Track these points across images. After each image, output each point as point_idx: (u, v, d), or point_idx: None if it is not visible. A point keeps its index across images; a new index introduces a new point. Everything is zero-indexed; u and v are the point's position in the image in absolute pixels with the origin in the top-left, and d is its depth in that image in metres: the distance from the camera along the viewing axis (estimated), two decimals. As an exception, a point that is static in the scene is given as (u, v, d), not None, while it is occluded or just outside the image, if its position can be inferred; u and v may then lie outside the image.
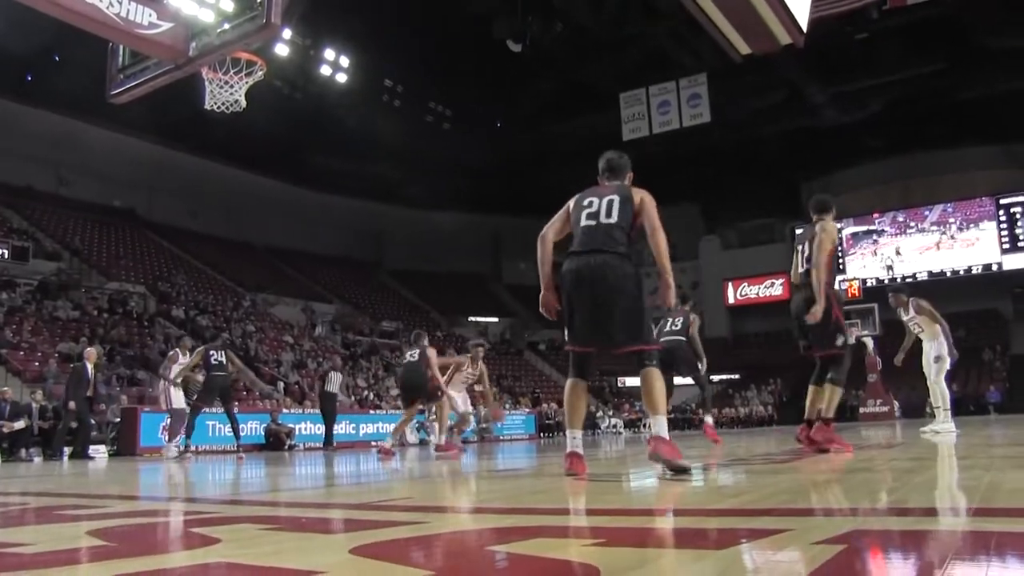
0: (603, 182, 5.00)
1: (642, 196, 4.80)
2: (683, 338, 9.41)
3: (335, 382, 14.32)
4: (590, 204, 4.73)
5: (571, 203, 4.89)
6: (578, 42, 27.01)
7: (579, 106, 33.05)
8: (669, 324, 9.50)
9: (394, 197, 40.92)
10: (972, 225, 38.18)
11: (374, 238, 43.40)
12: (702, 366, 9.63)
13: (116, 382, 18.96)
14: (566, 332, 4.66)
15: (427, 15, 27.61)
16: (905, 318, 10.37)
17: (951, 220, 38.78)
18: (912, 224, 39.55)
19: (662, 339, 9.26)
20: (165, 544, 2.51)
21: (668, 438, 4.37)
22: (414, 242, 42.00)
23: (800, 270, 6.14)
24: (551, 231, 4.86)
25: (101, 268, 27.42)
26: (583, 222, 4.69)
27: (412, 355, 10.10)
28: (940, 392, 10.19)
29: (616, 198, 4.72)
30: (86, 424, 14.17)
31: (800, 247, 6.32)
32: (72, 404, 13.52)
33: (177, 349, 14.07)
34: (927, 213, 39.37)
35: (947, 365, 10.02)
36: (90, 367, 13.88)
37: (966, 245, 38.05)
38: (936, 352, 9.99)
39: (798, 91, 31.08)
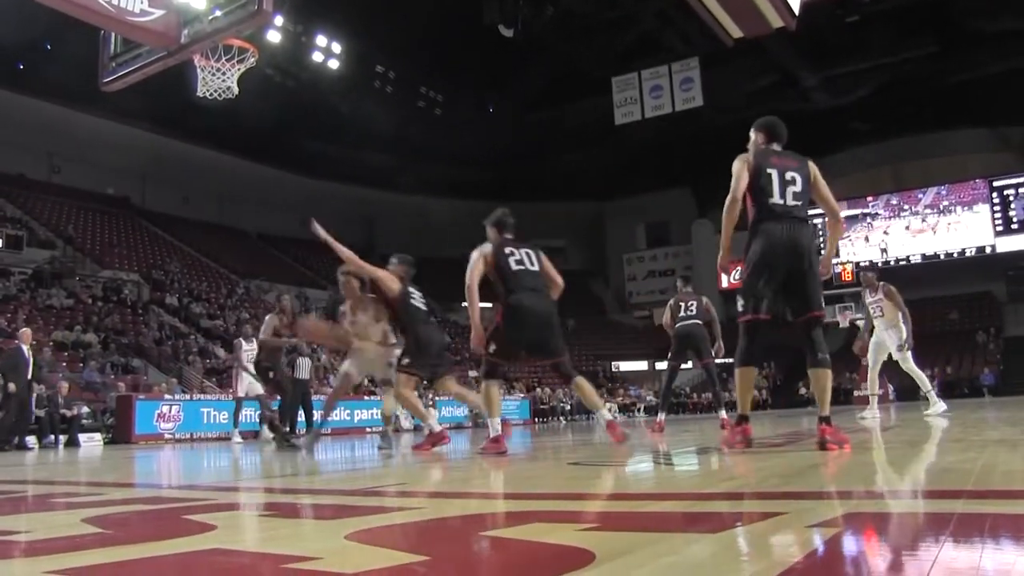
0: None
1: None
2: (700, 321, 9.29)
3: (304, 369, 14.15)
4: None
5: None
6: (569, 26, 26.91)
7: (571, 91, 32.94)
8: (684, 309, 9.31)
9: (386, 183, 40.80)
10: (966, 208, 38.22)
11: (366, 224, 43.31)
12: (714, 349, 9.44)
13: (111, 370, 18.93)
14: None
15: (418, 1, 27.48)
16: (869, 300, 10.46)
17: (944, 203, 38.80)
18: (906, 207, 39.58)
19: (678, 324, 9.23)
20: (161, 531, 2.51)
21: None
22: (406, 228, 41.89)
23: (790, 201, 4.70)
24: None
25: (95, 256, 27.32)
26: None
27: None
28: (919, 376, 10.33)
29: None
30: (26, 410, 13.53)
31: (782, 172, 4.78)
32: (12, 387, 12.82)
33: (241, 337, 13.58)
34: (921, 196, 39.38)
35: (909, 351, 10.11)
36: (26, 348, 13.18)
37: (961, 228, 38.10)
38: (898, 340, 10.08)
39: (789, 74, 31.04)
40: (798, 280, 4.56)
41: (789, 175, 4.71)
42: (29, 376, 13.26)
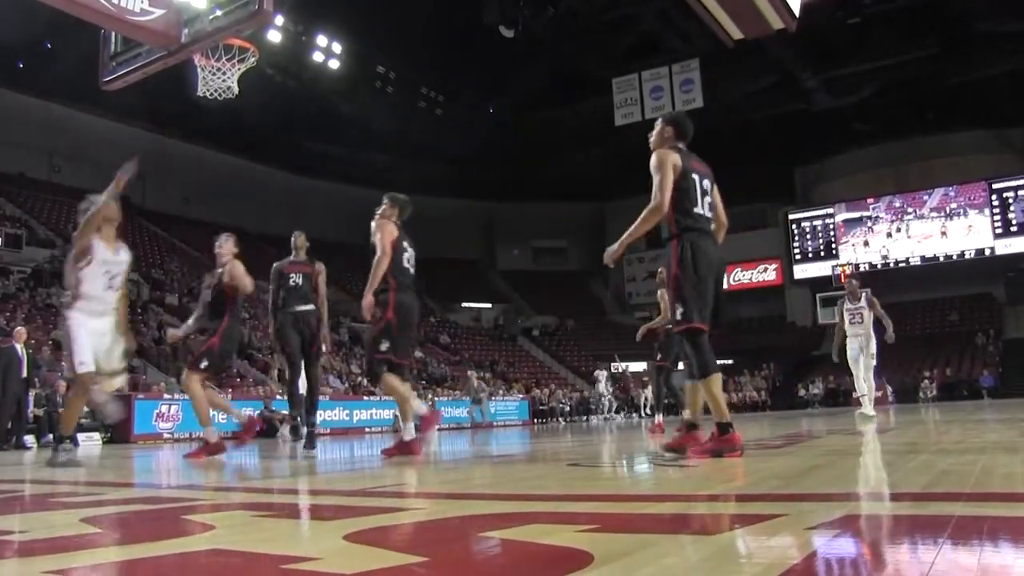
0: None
1: None
2: None
3: None
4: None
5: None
6: (570, 27, 26.92)
7: (572, 92, 32.96)
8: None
9: (387, 183, 40.39)
10: (976, 210, 38.02)
11: (367, 224, 43.25)
12: None
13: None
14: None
15: (419, 1, 27.48)
16: (850, 306, 10.93)
17: (953, 205, 38.57)
18: (911, 210, 39.45)
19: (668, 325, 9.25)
20: (160, 531, 2.51)
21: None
22: (407, 228, 41.86)
23: (707, 212, 4.72)
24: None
25: (94, 255, 27.28)
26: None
27: None
28: (870, 384, 10.99)
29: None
30: (22, 409, 13.47)
31: (701, 180, 4.76)
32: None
33: None
34: (926, 198, 39.21)
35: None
36: (19, 347, 13.14)
37: (965, 230, 37.97)
38: (875, 349, 10.84)
39: (790, 76, 31.03)
40: (719, 297, 4.60)
41: (706, 183, 4.67)
42: (24, 375, 13.19)
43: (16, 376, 13.00)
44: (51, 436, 14.45)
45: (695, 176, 4.62)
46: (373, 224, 6.48)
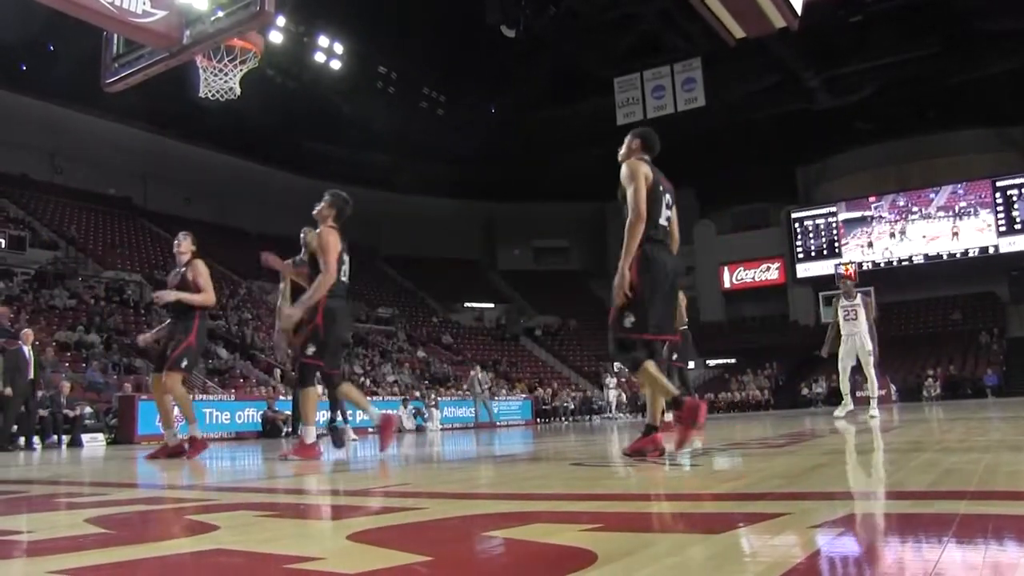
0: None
1: None
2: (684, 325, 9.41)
3: None
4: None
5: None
6: (571, 27, 26.92)
7: (573, 91, 32.95)
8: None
9: (388, 184, 40.83)
10: (987, 209, 37.84)
11: (369, 225, 43.34)
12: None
13: (113, 370, 18.96)
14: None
15: (421, 1, 27.49)
16: (845, 303, 11.17)
17: (962, 203, 38.30)
18: (916, 209, 39.31)
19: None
20: (164, 531, 2.52)
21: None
22: (409, 229, 41.92)
23: (669, 227, 4.84)
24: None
25: (97, 257, 27.37)
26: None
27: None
28: (872, 380, 11.18)
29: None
30: (30, 411, 13.57)
31: (667, 196, 4.88)
32: (8, 391, 12.83)
33: None
34: (932, 196, 39.01)
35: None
36: (27, 349, 13.19)
37: (976, 229, 37.75)
38: (871, 345, 10.95)
39: (792, 75, 31.01)
40: (673, 308, 4.78)
41: (668, 197, 4.79)
42: (31, 376, 13.25)
43: (23, 377, 13.06)
44: (54, 436, 14.54)
45: (661, 189, 4.75)
46: (313, 235, 6.41)
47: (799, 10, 8.09)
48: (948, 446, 4.59)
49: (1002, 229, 37.31)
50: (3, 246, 24.49)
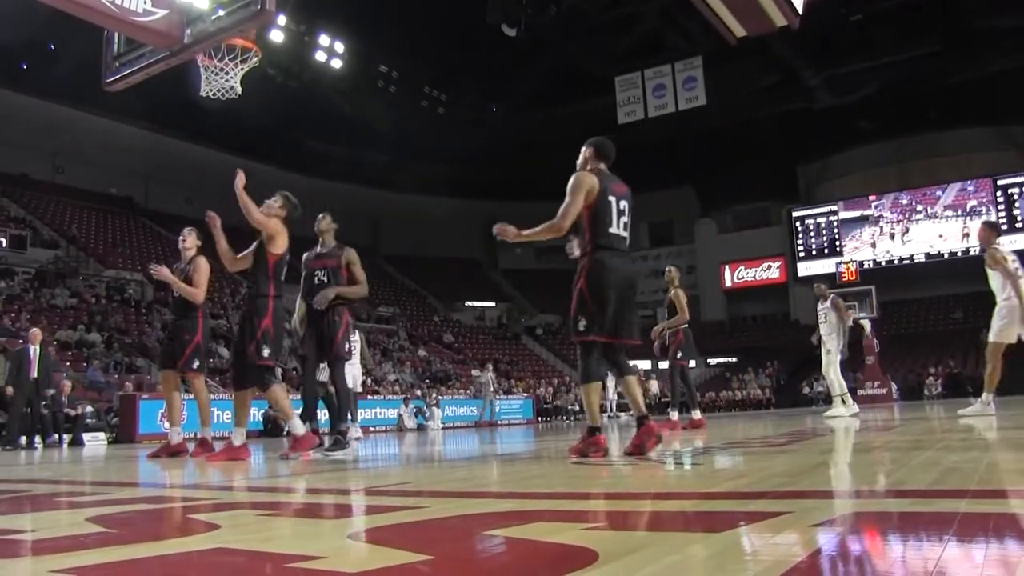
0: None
1: None
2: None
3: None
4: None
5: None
6: (572, 26, 26.93)
7: (574, 90, 32.95)
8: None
9: (389, 183, 40.86)
10: (989, 206, 37.72)
11: (370, 224, 43.36)
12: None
13: (114, 369, 18.97)
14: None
15: (422, 0, 27.49)
16: (820, 307, 11.67)
17: (972, 202, 38.04)
18: (920, 207, 39.18)
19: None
20: (165, 530, 2.52)
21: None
22: (410, 228, 41.93)
23: (623, 232, 4.95)
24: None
25: (98, 256, 27.39)
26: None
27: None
28: (837, 381, 11.53)
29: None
30: (33, 410, 13.60)
31: (619, 202, 4.94)
32: (10, 390, 12.96)
33: None
34: (939, 193, 38.84)
35: (838, 358, 11.44)
36: (33, 349, 13.22)
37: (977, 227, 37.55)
38: (831, 345, 11.39)
39: (793, 73, 31.02)
40: (629, 311, 4.80)
41: (623, 204, 4.88)
42: (34, 375, 13.23)
43: (27, 376, 13.05)
44: (55, 436, 14.56)
45: (612, 198, 4.84)
46: (267, 227, 6.35)
47: (800, 8, 8.09)
48: (949, 445, 4.59)
49: (1003, 227, 37.25)
50: (4, 245, 24.51)
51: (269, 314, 6.03)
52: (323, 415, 8.32)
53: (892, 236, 39.51)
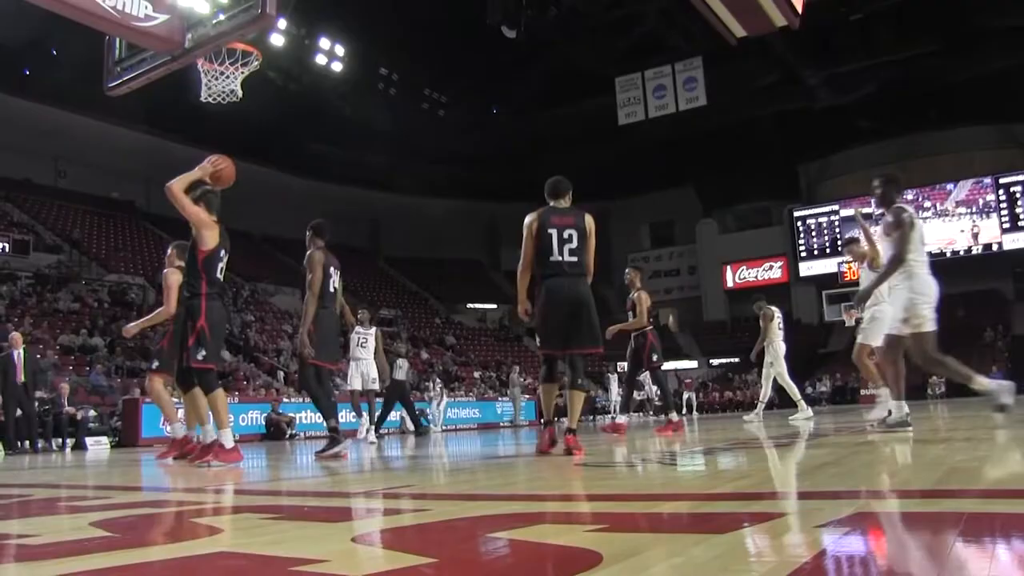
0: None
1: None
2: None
3: (402, 370, 14.39)
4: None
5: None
6: (572, 27, 26.92)
7: (574, 92, 32.98)
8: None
9: (391, 185, 40.89)
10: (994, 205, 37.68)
11: (371, 226, 43.38)
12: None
13: (116, 373, 18.98)
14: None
15: (421, 1, 27.53)
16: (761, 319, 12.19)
17: (989, 196, 37.82)
18: (928, 204, 39.09)
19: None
20: (169, 534, 2.52)
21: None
22: (412, 230, 41.96)
23: (567, 257, 5.52)
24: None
25: (100, 260, 27.42)
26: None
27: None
28: (763, 388, 12.40)
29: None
30: (27, 414, 13.47)
31: (562, 232, 5.53)
32: (0, 398, 12.83)
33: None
34: (951, 187, 38.55)
35: (784, 365, 12.07)
36: (17, 353, 13.06)
37: (997, 227, 37.44)
38: (770, 357, 12.05)
39: (793, 73, 31.01)
40: (576, 325, 5.50)
41: (567, 233, 5.49)
42: (21, 379, 13.11)
43: (13, 382, 12.99)
44: (57, 440, 14.55)
45: (552, 230, 5.53)
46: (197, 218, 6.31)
47: (799, 8, 8.09)
48: (954, 444, 4.58)
49: (1006, 226, 37.21)
50: (7, 250, 24.57)
51: (203, 314, 5.83)
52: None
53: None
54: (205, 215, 6.14)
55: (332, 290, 6.93)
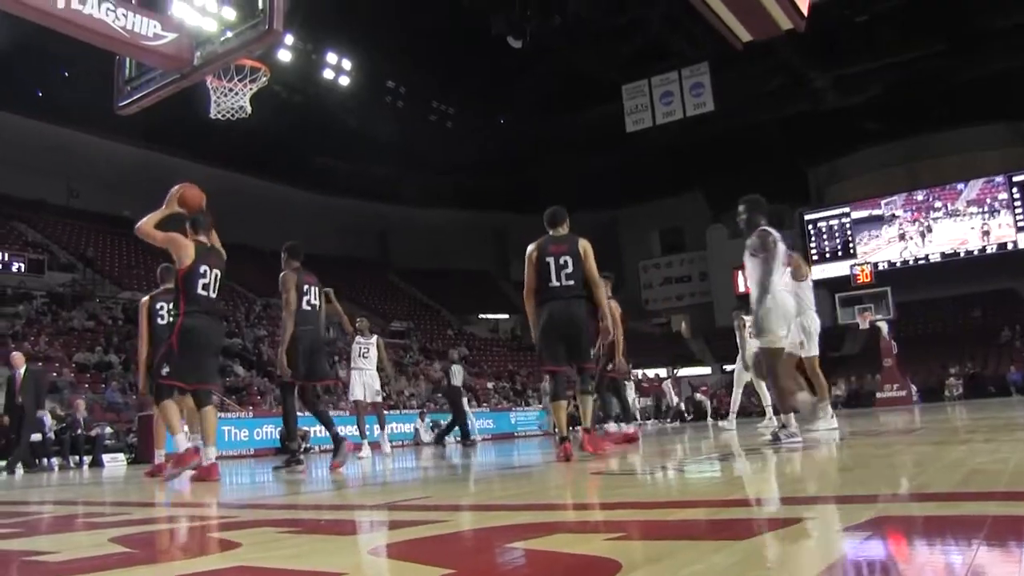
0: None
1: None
2: None
3: (458, 376, 14.41)
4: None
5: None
6: (577, 35, 26.94)
7: (581, 100, 33.01)
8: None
9: (399, 197, 40.99)
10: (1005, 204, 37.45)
11: (381, 239, 43.46)
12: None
13: (131, 390, 19.05)
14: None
15: (426, 14, 27.62)
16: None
17: (1004, 195, 37.48)
18: (939, 204, 38.83)
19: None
20: (188, 549, 2.52)
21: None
22: (421, 241, 42.01)
23: (564, 282, 6.07)
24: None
25: (114, 278, 27.61)
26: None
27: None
28: (734, 397, 12.56)
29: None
30: (20, 435, 13.05)
31: (558, 259, 6.12)
32: (6, 419, 12.71)
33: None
34: (962, 187, 38.27)
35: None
36: (19, 372, 12.82)
37: (994, 225, 37.18)
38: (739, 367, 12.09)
39: (800, 76, 30.92)
40: (574, 342, 6.09)
41: (562, 259, 6.07)
42: (19, 400, 12.80)
43: (13, 402, 12.81)
44: (77, 457, 14.62)
45: (549, 259, 6.12)
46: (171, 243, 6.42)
47: (805, 11, 8.07)
48: (973, 446, 4.54)
49: (1021, 224, 36.95)
50: (23, 270, 24.74)
51: (176, 332, 6.00)
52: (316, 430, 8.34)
53: (906, 236, 39.16)
54: (178, 236, 6.34)
55: (309, 307, 7.42)
